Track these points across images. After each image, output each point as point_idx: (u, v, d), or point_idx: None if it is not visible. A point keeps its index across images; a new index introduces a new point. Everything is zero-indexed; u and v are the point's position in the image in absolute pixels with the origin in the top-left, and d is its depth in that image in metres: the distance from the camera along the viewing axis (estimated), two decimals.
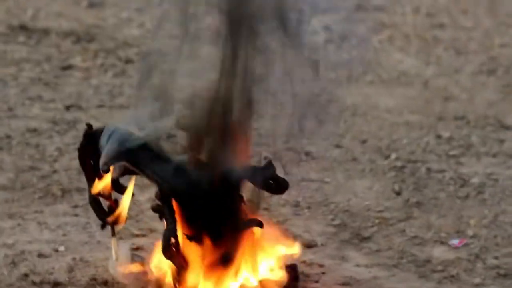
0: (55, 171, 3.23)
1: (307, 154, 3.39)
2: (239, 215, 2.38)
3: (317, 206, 3.02)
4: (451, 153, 3.42)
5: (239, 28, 2.32)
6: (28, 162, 3.30)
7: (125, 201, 2.46)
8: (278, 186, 2.39)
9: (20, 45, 4.48)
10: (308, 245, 2.75)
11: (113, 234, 2.49)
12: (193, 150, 2.37)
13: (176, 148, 2.42)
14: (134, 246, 2.69)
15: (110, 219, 2.47)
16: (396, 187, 3.16)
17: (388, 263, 2.68)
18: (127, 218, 2.49)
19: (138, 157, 2.36)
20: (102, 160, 2.36)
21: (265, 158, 2.42)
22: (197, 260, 2.36)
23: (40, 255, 2.65)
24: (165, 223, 2.36)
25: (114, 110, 3.77)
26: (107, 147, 2.34)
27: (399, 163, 3.33)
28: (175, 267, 2.34)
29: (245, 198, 2.38)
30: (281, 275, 2.47)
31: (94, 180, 2.46)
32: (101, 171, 2.39)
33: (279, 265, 2.48)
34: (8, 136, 3.50)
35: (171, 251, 2.33)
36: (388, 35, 4.54)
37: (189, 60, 2.40)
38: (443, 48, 4.41)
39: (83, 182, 3.10)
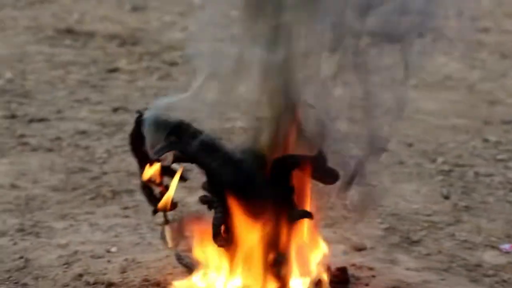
0: (104, 173, 3.26)
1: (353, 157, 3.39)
2: (290, 205, 2.36)
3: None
4: (499, 157, 3.40)
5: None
6: (78, 164, 3.33)
7: (173, 186, 2.45)
8: (329, 175, 2.37)
9: (67, 48, 4.53)
10: (357, 248, 2.75)
11: (166, 221, 2.48)
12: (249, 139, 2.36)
13: (227, 137, 2.41)
14: (185, 248, 2.70)
15: (160, 205, 2.46)
16: (444, 191, 3.15)
17: (438, 267, 2.67)
18: (176, 205, 2.47)
19: (189, 147, 2.35)
20: (152, 150, 2.35)
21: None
22: (246, 250, 2.35)
23: (93, 256, 2.67)
24: (214, 211, 2.35)
25: None
26: (154, 136, 2.33)
27: (446, 167, 3.33)
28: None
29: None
30: (328, 273, 2.45)
31: (145, 166, 2.45)
32: (153, 160, 2.38)
33: (325, 264, 2.46)
34: (58, 138, 3.54)
35: (222, 238, 2.33)
36: (431, 39, 4.53)
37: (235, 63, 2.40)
38: (487, 52, 4.40)
39: (133, 184, 3.15)
